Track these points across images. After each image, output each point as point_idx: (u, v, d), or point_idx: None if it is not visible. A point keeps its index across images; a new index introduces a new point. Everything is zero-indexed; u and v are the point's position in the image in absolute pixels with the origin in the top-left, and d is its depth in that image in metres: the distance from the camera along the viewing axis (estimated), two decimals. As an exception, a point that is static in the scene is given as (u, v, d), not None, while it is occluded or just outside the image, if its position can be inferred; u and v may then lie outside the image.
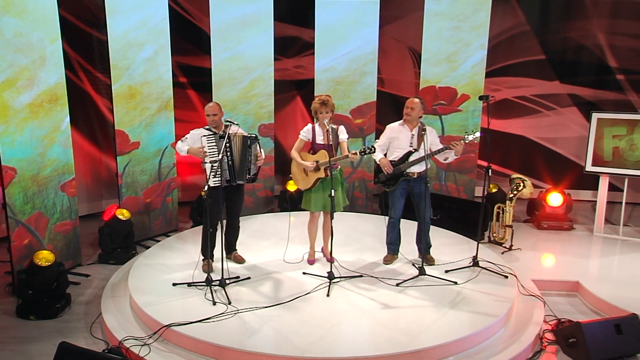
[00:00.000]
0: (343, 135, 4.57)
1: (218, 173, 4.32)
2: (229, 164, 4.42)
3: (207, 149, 4.40)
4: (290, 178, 4.77)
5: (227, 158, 4.41)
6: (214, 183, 4.29)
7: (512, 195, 5.75)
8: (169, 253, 5.03)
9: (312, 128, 4.58)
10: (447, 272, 4.59)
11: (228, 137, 4.32)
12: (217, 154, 4.36)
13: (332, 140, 4.45)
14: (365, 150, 4.29)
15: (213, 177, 4.27)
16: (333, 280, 4.33)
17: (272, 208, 6.72)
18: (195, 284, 4.29)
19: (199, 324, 3.74)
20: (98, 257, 5.46)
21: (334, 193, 4.22)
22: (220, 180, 4.38)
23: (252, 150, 4.48)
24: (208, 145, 4.40)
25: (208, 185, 4.11)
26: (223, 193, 4.44)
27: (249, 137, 4.47)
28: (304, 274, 4.54)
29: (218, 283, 4.21)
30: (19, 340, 3.99)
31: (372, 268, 4.69)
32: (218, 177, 4.34)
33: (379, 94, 6.60)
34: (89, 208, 6.74)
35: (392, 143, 4.64)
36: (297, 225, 5.19)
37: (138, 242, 5.76)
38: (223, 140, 4.32)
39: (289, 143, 4.73)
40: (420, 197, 4.60)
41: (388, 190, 4.70)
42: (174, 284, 4.32)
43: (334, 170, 4.44)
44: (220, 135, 4.40)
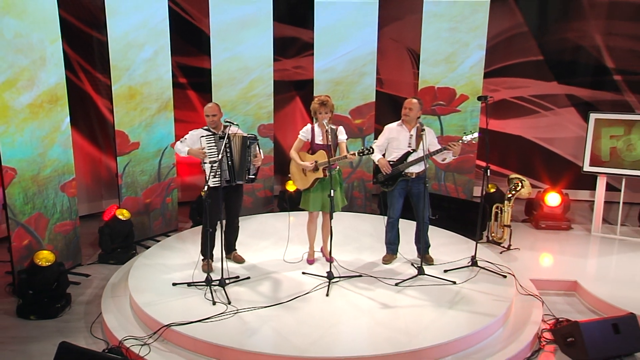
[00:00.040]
0: (342, 136, 4.57)
1: (218, 173, 4.31)
2: (229, 164, 4.42)
3: (206, 150, 4.40)
4: (290, 178, 4.78)
5: (226, 158, 4.40)
6: (214, 183, 4.28)
7: (510, 195, 5.76)
8: (169, 253, 5.03)
9: (311, 128, 4.57)
10: (445, 271, 4.60)
11: (228, 137, 4.32)
12: (216, 155, 4.36)
13: (331, 141, 4.45)
14: (364, 151, 4.30)
15: (213, 177, 4.27)
16: (332, 280, 4.33)
17: (271, 208, 6.74)
18: (195, 284, 4.28)
19: (199, 324, 3.73)
20: (98, 257, 5.46)
21: (333, 193, 4.22)
22: (220, 181, 4.37)
23: (251, 151, 4.48)
24: (207, 146, 4.40)
25: (208, 186, 4.11)
26: (222, 193, 4.44)
27: (249, 137, 4.47)
28: (304, 274, 4.54)
29: (218, 283, 4.21)
30: (20, 340, 3.99)
31: (371, 268, 4.70)
32: (218, 177, 4.34)
33: (378, 95, 6.60)
34: (89, 208, 6.74)
35: (390, 143, 4.64)
36: (296, 225, 5.19)
37: (138, 242, 5.76)
38: (222, 141, 4.32)
39: (289, 143, 4.73)
40: (419, 197, 4.61)
41: (387, 191, 4.72)
42: (174, 284, 4.32)
43: (333, 171, 4.44)
44: (220, 136, 4.40)
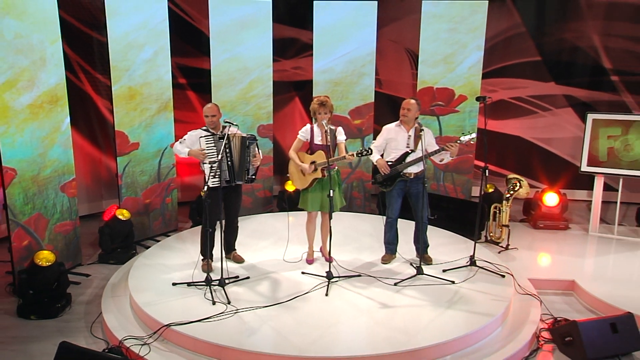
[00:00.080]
0: (341, 137, 4.57)
1: (217, 174, 4.31)
2: (229, 165, 4.43)
3: (205, 150, 4.40)
4: (288, 178, 4.79)
5: (226, 159, 4.41)
6: (213, 184, 4.28)
7: (508, 195, 5.78)
8: (169, 253, 5.03)
9: (310, 128, 4.58)
10: (444, 271, 4.61)
11: (227, 137, 4.33)
12: (215, 155, 4.36)
13: (330, 141, 4.44)
14: (362, 152, 4.30)
15: (212, 177, 4.27)
16: (332, 280, 4.34)
17: (271, 209, 6.74)
18: (195, 284, 4.29)
19: (199, 324, 3.73)
20: (98, 257, 5.46)
21: (332, 193, 4.23)
22: (220, 181, 4.37)
23: (250, 151, 4.48)
24: (207, 147, 4.40)
25: (207, 186, 4.12)
26: (222, 193, 4.44)
27: (248, 137, 4.48)
28: (303, 274, 4.54)
29: (217, 283, 4.21)
30: (20, 340, 3.99)
31: (370, 267, 4.71)
32: (217, 177, 4.34)
33: (377, 95, 6.62)
34: (89, 208, 6.74)
35: (389, 144, 4.65)
36: (295, 225, 5.21)
37: (138, 242, 5.76)
38: (222, 141, 4.32)
39: (288, 143, 4.74)
40: (418, 197, 4.62)
41: (385, 191, 4.73)
42: (174, 284, 4.32)
43: (331, 171, 4.44)
44: (220, 137, 4.40)
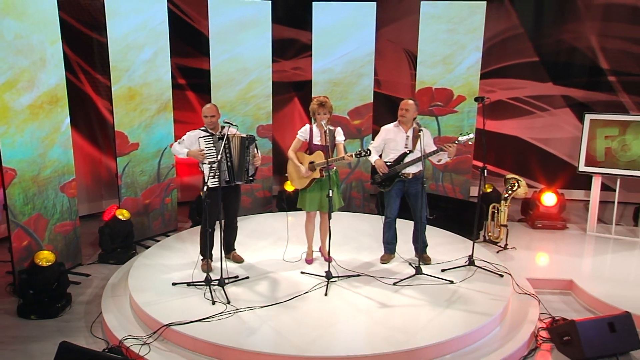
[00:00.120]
0: (340, 137, 4.57)
1: (217, 174, 4.32)
2: (228, 165, 4.43)
3: (205, 151, 4.39)
4: (287, 177, 4.81)
5: (226, 159, 4.41)
6: (213, 184, 4.28)
7: (507, 195, 5.79)
8: (169, 253, 5.04)
9: (309, 129, 4.58)
10: (443, 271, 4.62)
11: (227, 138, 4.33)
12: (215, 156, 4.36)
13: (329, 142, 4.45)
14: (361, 153, 4.30)
15: (212, 178, 4.27)
16: (331, 280, 4.34)
17: (270, 209, 6.75)
18: (195, 284, 4.29)
19: (199, 323, 3.74)
20: (98, 256, 5.46)
21: (332, 193, 4.23)
22: (219, 181, 4.37)
23: (250, 151, 4.49)
24: (206, 147, 4.40)
25: (207, 186, 4.13)
26: (221, 194, 4.45)
27: (247, 138, 4.48)
28: (302, 274, 4.55)
29: (217, 283, 4.22)
30: (20, 340, 4.00)
31: (369, 267, 4.72)
32: (217, 178, 4.34)
33: (376, 95, 6.63)
34: (89, 208, 6.75)
35: (387, 144, 4.66)
36: (295, 225, 5.22)
37: (138, 242, 5.77)
38: (221, 142, 4.32)
39: (287, 144, 4.75)
40: (416, 197, 4.63)
41: (384, 191, 4.74)
42: (174, 284, 4.33)
43: (330, 171, 4.45)
44: (219, 137, 4.40)
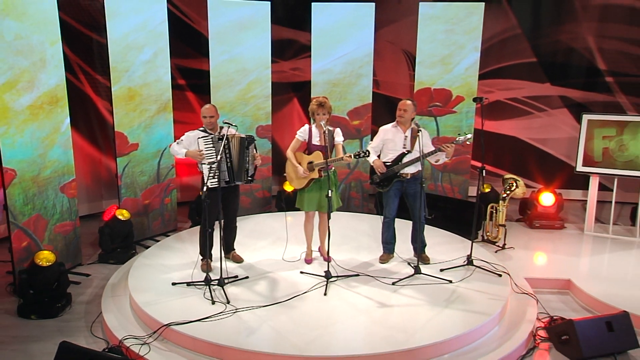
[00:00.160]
0: (339, 138, 4.58)
1: (216, 174, 4.32)
2: (228, 166, 4.44)
3: (204, 151, 4.40)
4: (286, 177, 4.82)
5: (225, 159, 4.42)
6: (212, 184, 4.28)
7: (505, 195, 5.81)
8: (168, 253, 5.04)
9: (308, 129, 4.59)
10: (442, 270, 4.63)
11: (227, 138, 4.33)
12: (214, 156, 4.37)
13: (328, 142, 4.45)
14: (360, 154, 4.31)
15: (211, 178, 4.27)
16: (330, 280, 4.35)
17: (269, 209, 6.76)
18: (194, 284, 4.30)
19: (198, 323, 3.74)
20: (98, 256, 5.47)
21: (331, 194, 4.24)
22: (219, 182, 4.37)
23: (249, 152, 4.50)
24: (205, 147, 4.40)
25: (206, 186, 4.14)
26: (220, 194, 4.44)
27: (247, 138, 4.49)
28: (302, 273, 4.56)
29: (217, 282, 4.22)
30: (20, 340, 4.00)
31: (368, 267, 4.73)
32: (216, 178, 4.34)
33: (374, 96, 6.65)
34: (89, 208, 6.76)
35: (385, 145, 4.67)
36: (294, 225, 5.23)
37: (138, 242, 5.78)
38: (221, 142, 4.33)
39: (286, 144, 4.76)
40: (415, 197, 4.65)
41: (382, 191, 4.75)
42: (173, 284, 4.33)
43: (328, 171, 4.46)
44: (219, 137, 4.41)
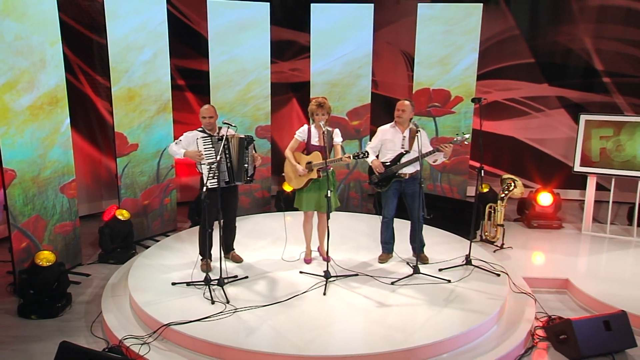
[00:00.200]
0: (338, 139, 4.59)
1: (216, 175, 4.33)
2: (228, 166, 4.45)
3: (203, 152, 4.41)
4: (284, 177, 4.83)
5: (225, 160, 4.44)
6: (212, 184, 4.29)
7: (503, 195, 5.83)
8: (168, 253, 5.05)
9: (307, 129, 4.60)
10: (440, 270, 4.65)
11: (226, 139, 4.34)
12: (214, 157, 4.37)
13: (326, 142, 4.46)
14: (359, 155, 4.33)
15: (211, 178, 4.29)
16: (329, 279, 4.37)
17: (269, 209, 6.77)
18: (194, 284, 4.31)
19: (198, 323, 3.75)
20: (98, 256, 5.48)
21: (330, 194, 4.26)
22: (218, 182, 4.38)
23: (249, 152, 4.51)
24: (204, 148, 4.41)
25: (206, 187, 4.15)
26: (220, 194, 4.45)
27: (246, 138, 4.50)
28: (301, 273, 4.58)
29: (216, 282, 4.24)
30: (21, 340, 4.01)
31: (367, 267, 4.74)
32: (216, 178, 4.35)
33: (373, 96, 6.66)
34: (89, 208, 6.76)
35: (384, 145, 4.68)
36: (293, 225, 5.24)
37: (137, 242, 5.78)
38: (220, 143, 4.34)
39: (286, 144, 4.76)
40: (413, 197, 4.66)
41: (381, 191, 4.77)
42: (173, 284, 4.34)
43: (327, 171, 4.47)
44: (218, 138, 4.42)
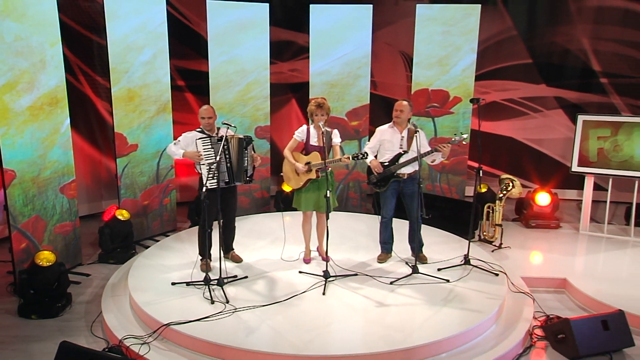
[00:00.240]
0: (336, 139, 4.60)
1: (215, 175, 4.33)
2: (228, 167, 4.46)
3: (202, 153, 4.41)
4: (282, 177, 4.83)
5: (225, 160, 4.45)
6: (211, 185, 4.29)
7: (501, 195, 5.85)
8: (168, 253, 5.06)
9: (306, 129, 4.61)
10: (439, 270, 4.66)
11: (226, 139, 4.35)
12: (213, 157, 4.38)
13: (325, 143, 4.47)
14: (358, 156, 4.34)
15: (211, 179, 4.29)
16: (328, 279, 4.38)
17: (268, 209, 6.79)
18: (194, 284, 4.32)
19: (198, 323, 3.76)
20: (98, 256, 5.49)
21: (329, 194, 4.28)
22: (218, 182, 4.39)
23: (248, 152, 4.52)
24: (204, 148, 4.42)
25: (206, 187, 4.16)
26: (219, 194, 4.46)
27: (245, 139, 4.51)
28: (300, 273, 4.59)
29: (216, 282, 4.25)
30: (21, 339, 4.02)
31: (366, 267, 4.75)
32: (215, 179, 4.35)
33: (372, 97, 6.68)
34: (90, 208, 6.77)
35: (382, 145, 4.70)
36: (292, 225, 5.26)
37: (137, 242, 5.79)
38: (219, 143, 4.35)
39: (285, 144, 4.76)
40: (412, 197, 4.67)
41: (379, 191, 4.79)
42: (173, 283, 4.35)
43: (326, 171, 4.47)
44: (218, 139, 4.43)
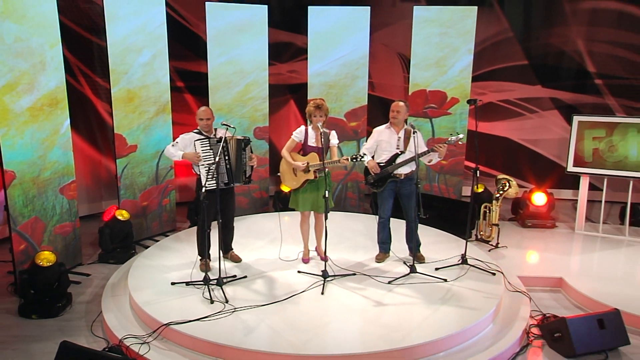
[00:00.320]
0: (334, 140, 4.62)
1: (215, 176, 4.33)
2: (227, 167, 4.48)
3: (201, 154, 4.42)
4: (279, 177, 4.84)
5: (224, 161, 4.46)
6: (210, 186, 4.29)
7: (498, 195, 5.89)
8: (168, 253, 5.07)
9: (305, 130, 4.63)
10: (437, 269, 4.69)
11: (225, 140, 4.36)
12: (212, 158, 4.39)
13: (323, 144, 4.49)
14: (357, 157, 4.36)
15: (210, 180, 4.30)
16: (327, 279, 4.40)
17: (267, 210, 6.82)
18: (193, 283, 4.33)
19: (197, 323, 3.77)
20: (98, 256, 5.50)
21: (327, 194, 4.29)
22: (217, 183, 4.39)
23: (246, 153, 4.54)
24: (202, 150, 4.43)
25: (205, 188, 4.18)
26: (218, 195, 4.48)
27: (243, 140, 4.53)
28: (299, 273, 4.61)
29: (215, 282, 4.26)
30: (21, 339, 4.02)
31: (364, 266, 4.78)
32: (214, 180, 4.36)
33: (370, 98, 6.71)
34: (90, 209, 6.78)
35: (379, 146, 4.73)
36: (291, 225, 5.28)
37: (137, 242, 5.80)
38: (218, 144, 4.36)
39: (283, 145, 4.82)
40: (409, 197, 4.70)
41: (377, 191, 4.82)
42: (173, 283, 4.36)
43: (322, 172, 4.52)
44: (217, 140, 4.44)
